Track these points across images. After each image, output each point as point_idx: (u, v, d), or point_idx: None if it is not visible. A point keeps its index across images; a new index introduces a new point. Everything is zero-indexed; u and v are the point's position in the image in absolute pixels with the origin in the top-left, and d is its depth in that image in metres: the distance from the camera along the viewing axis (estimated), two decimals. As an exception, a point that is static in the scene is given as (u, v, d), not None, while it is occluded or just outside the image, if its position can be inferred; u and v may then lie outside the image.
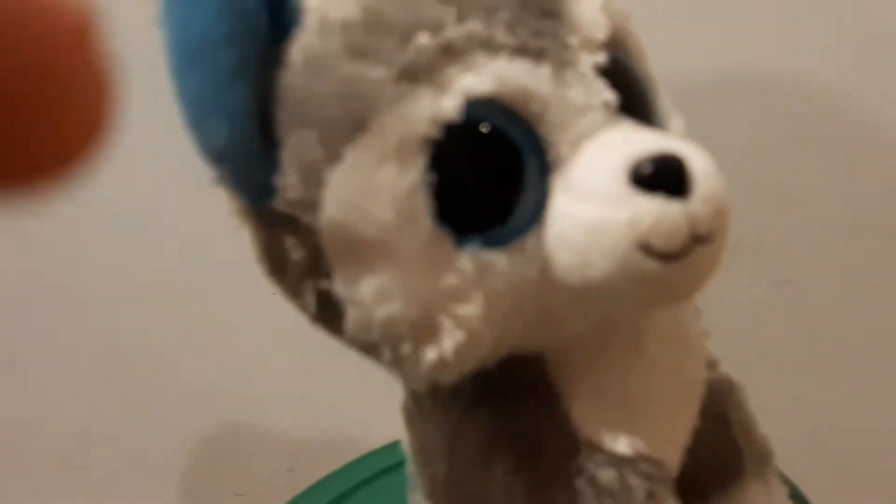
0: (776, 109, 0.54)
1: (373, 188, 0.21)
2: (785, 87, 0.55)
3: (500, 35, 0.22)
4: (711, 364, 0.29)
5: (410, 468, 0.32)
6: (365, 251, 0.21)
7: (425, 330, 0.22)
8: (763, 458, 0.30)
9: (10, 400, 0.76)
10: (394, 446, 0.53)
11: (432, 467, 0.28)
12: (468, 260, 0.21)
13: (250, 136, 0.21)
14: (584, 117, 0.22)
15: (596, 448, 0.24)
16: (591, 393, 0.25)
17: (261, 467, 0.77)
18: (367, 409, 0.71)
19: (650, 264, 0.21)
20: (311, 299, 0.23)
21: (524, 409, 0.25)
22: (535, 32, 0.22)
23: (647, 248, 0.21)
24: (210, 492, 0.78)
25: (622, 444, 0.24)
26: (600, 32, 0.23)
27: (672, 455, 0.26)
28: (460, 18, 0.21)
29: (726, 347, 0.30)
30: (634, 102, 0.24)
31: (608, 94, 0.23)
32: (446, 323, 0.22)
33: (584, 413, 0.25)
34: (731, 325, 0.35)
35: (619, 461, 0.24)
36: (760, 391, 0.31)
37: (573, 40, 0.23)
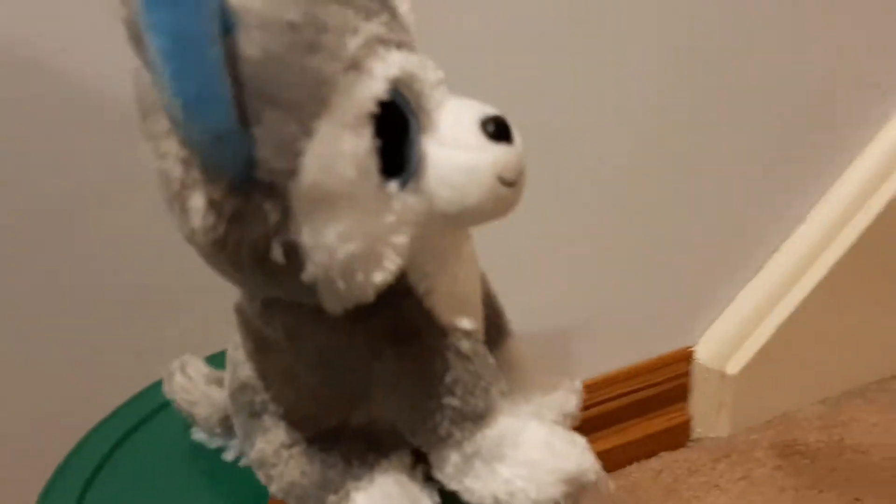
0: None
1: (340, 153, 0.27)
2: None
3: (387, 33, 0.29)
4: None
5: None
6: (331, 204, 0.27)
7: (374, 259, 0.28)
8: (507, 320, 0.42)
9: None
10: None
11: (313, 371, 0.35)
12: (398, 201, 0.29)
13: (233, 117, 0.25)
14: (438, 89, 0.31)
15: (453, 329, 0.34)
16: (440, 292, 0.34)
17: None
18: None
19: (503, 190, 0.31)
20: (278, 253, 0.27)
21: (401, 310, 0.33)
22: (399, 29, 0.30)
23: (502, 180, 0.31)
24: None
25: (466, 323, 0.34)
26: (413, 26, 0.32)
27: (481, 325, 0.37)
28: (367, 19, 0.28)
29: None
30: None
31: (441, 73, 0.31)
32: (388, 252, 0.29)
33: (440, 306, 0.34)
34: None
35: (468, 335, 0.34)
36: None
37: (411, 33, 0.31)
